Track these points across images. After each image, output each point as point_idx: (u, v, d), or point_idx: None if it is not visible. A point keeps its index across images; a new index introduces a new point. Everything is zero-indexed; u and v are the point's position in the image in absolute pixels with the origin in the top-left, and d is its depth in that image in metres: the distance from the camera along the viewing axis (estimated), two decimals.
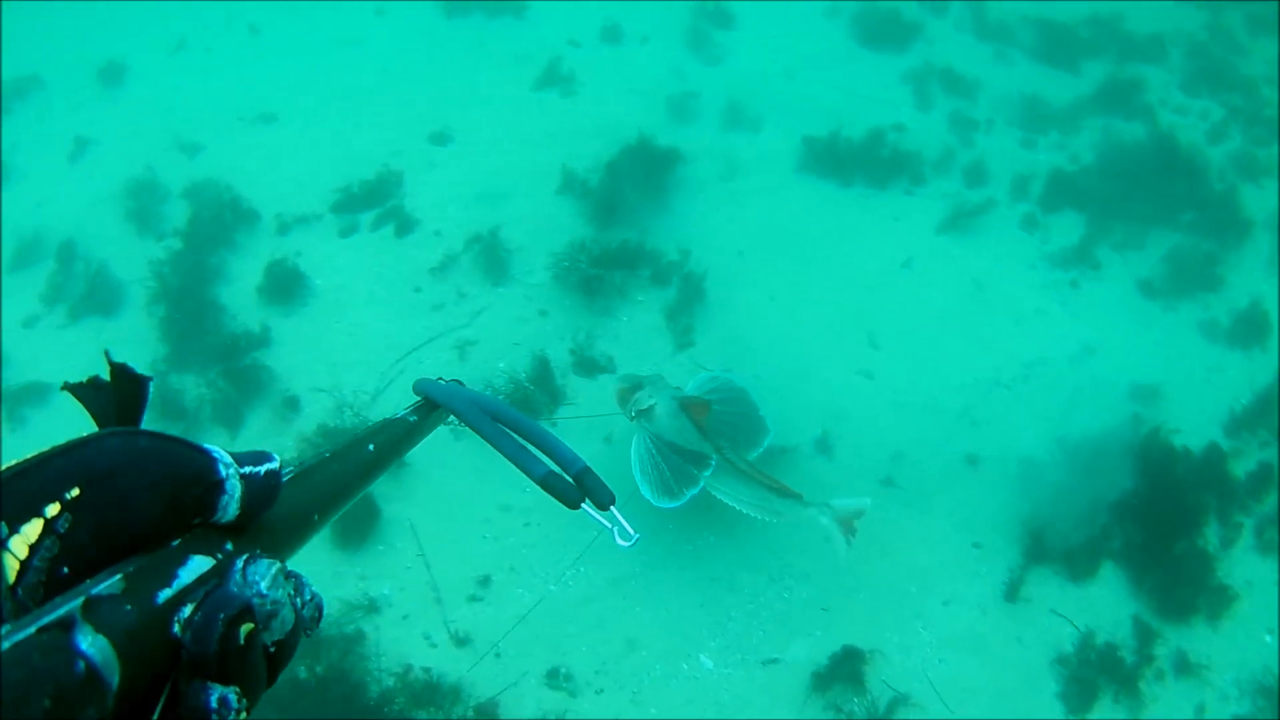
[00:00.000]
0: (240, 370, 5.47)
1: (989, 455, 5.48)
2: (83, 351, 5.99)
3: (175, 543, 0.78)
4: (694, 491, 4.46)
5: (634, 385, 4.84)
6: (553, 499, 1.53)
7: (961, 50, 8.89)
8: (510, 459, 1.63)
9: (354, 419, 5.16)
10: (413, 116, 7.64)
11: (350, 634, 4.45)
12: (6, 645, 0.58)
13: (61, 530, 0.68)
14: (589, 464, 1.61)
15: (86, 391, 0.90)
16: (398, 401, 4.52)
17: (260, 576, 0.82)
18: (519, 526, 4.89)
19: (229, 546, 0.83)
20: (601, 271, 5.94)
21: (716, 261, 6.31)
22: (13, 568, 0.66)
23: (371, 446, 1.34)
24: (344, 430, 5.03)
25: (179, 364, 5.59)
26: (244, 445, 4.55)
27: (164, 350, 5.80)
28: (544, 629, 4.53)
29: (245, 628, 0.75)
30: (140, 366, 0.78)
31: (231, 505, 0.83)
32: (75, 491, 0.69)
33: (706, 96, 7.84)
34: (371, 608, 4.59)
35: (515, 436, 1.66)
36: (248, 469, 0.86)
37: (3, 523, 0.66)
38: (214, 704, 0.72)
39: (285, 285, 6.02)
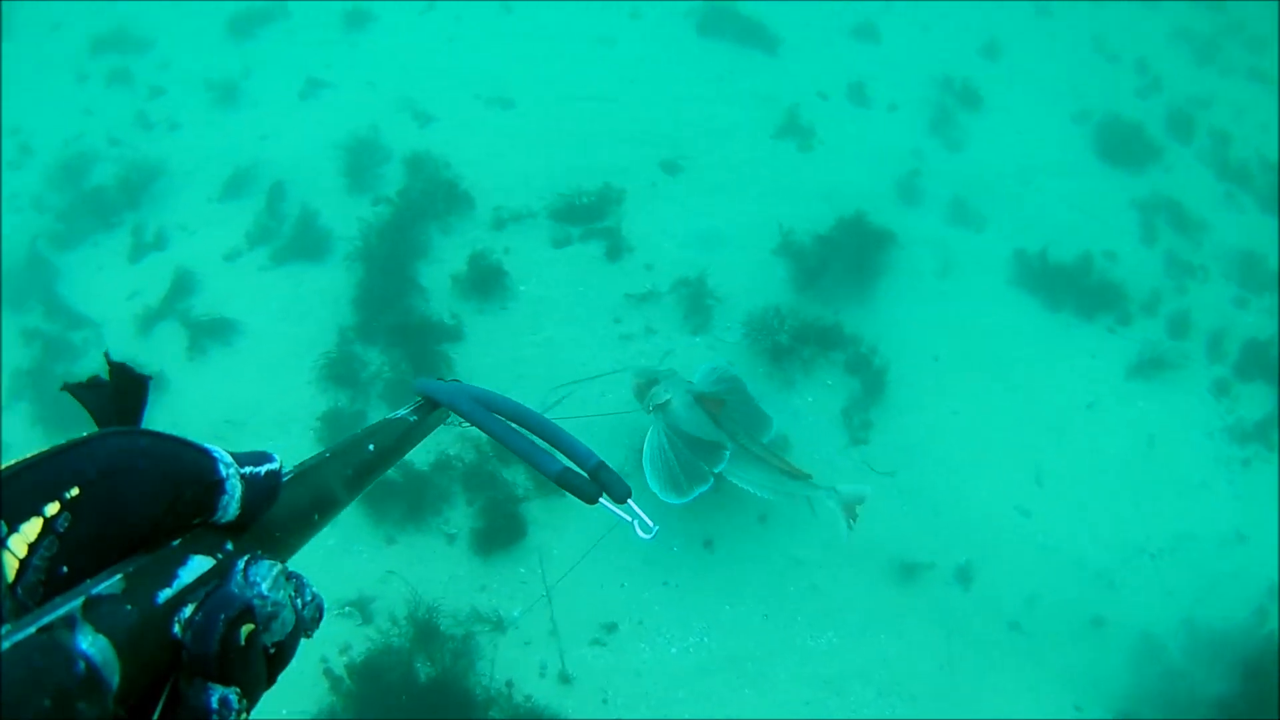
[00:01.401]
0: (425, 358, 6.30)
1: (1115, 621, 6.26)
2: (277, 296, 7.20)
3: (175, 543, 0.88)
4: (703, 489, 5.38)
5: (650, 380, 5.82)
6: (571, 495, 1.79)
7: (1196, 185, 9.69)
8: (523, 456, 1.88)
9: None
10: (649, 135, 8.76)
11: (471, 645, 5.16)
12: (6, 645, 0.66)
13: (61, 530, 0.77)
14: (603, 460, 1.87)
15: (86, 391, 1.04)
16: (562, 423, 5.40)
17: (261, 578, 0.93)
18: (657, 583, 5.66)
19: (229, 547, 0.94)
20: (796, 345, 6.64)
21: (909, 361, 7.16)
22: (12, 567, 0.74)
23: (371, 446, 1.54)
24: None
25: (366, 335, 6.49)
26: None
27: (354, 319, 6.69)
28: (655, 687, 5.27)
29: (246, 628, 0.86)
30: (329, 332, 1.28)
31: (232, 505, 0.94)
32: (74, 491, 0.79)
33: (937, 183, 8.75)
34: (498, 626, 5.30)
35: (525, 433, 1.92)
36: (248, 469, 0.99)
37: (2, 521, 0.75)
38: (214, 704, 0.82)
39: (486, 281, 6.98)
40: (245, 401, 6.69)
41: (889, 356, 7.06)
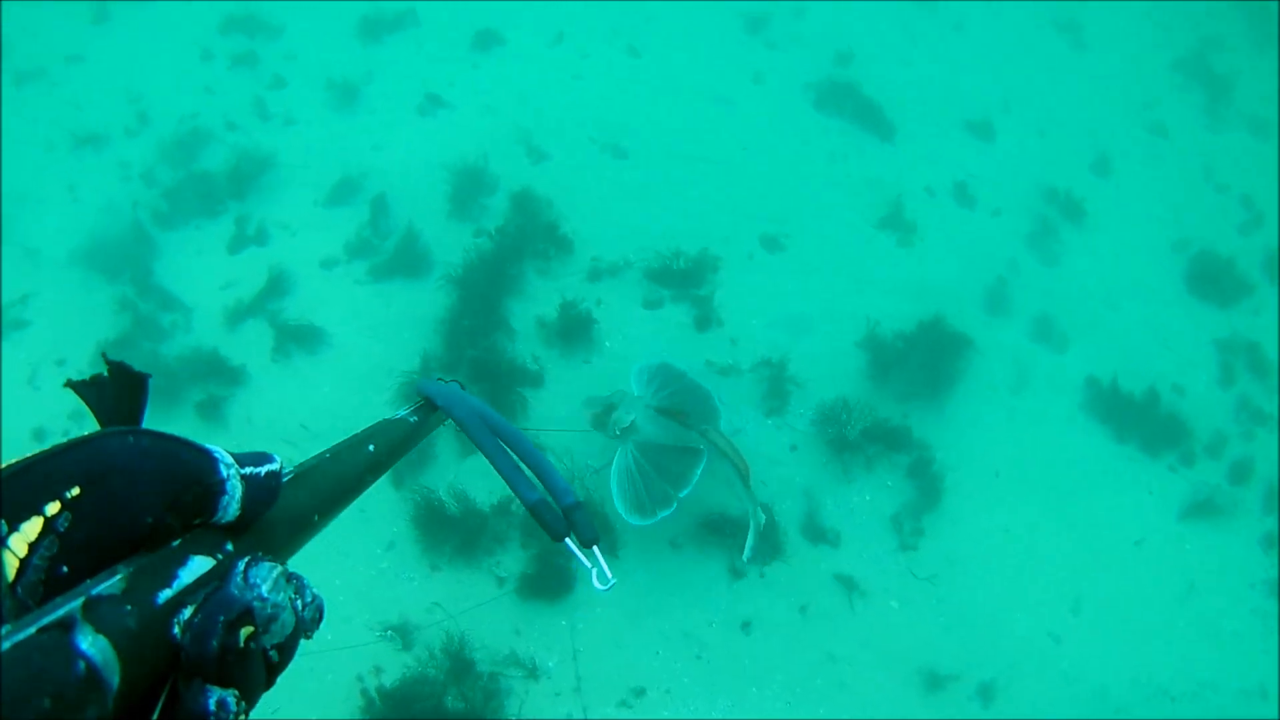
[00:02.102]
0: (502, 397, 7.15)
1: None
2: (368, 311, 8.25)
3: (176, 543, 0.98)
4: (666, 513, 6.26)
5: (607, 407, 6.73)
6: (539, 526, 2.06)
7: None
8: (505, 478, 2.09)
9: (582, 492, 6.65)
10: (753, 206, 9.64)
11: (502, 687, 5.97)
12: (7, 645, 0.73)
13: (61, 529, 0.85)
14: (580, 500, 2.12)
15: (89, 390, 1.16)
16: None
17: (261, 579, 1.02)
18: (691, 655, 6.48)
19: (230, 547, 1.05)
20: (862, 441, 7.50)
21: (969, 471, 7.93)
22: (12, 566, 0.81)
23: (371, 447, 1.70)
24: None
25: (448, 365, 7.40)
26: (468, 475, 6.31)
27: (439, 347, 7.49)
28: None
29: (245, 631, 0.94)
30: (413, 355, 1.78)
31: (232, 505, 1.06)
32: (75, 490, 0.87)
33: (1025, 295, 9.49)
34: (532, 673, 6.02)
35: (512, 455, 2.15)
36: (248, 469, 1.11)
37: (3, 520, 0.82)
38: (212, 706, 0.90)
39: (574, 331, 7.83)
40: (322, 410, 7.50)
41: (950, 464, 7.85)
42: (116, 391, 1.20)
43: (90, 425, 1.15)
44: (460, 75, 10.72)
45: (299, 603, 1.12)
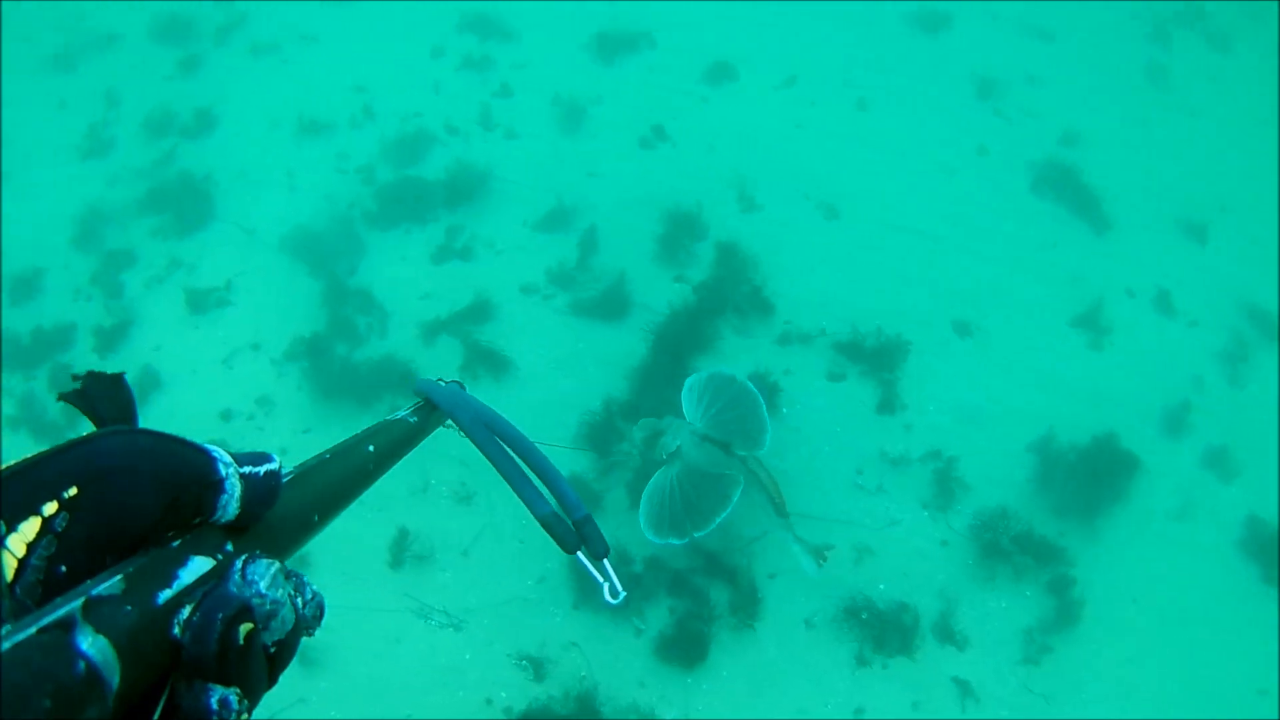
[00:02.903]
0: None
1: None
2: (560, 345, 9.57)
3: (175, 543, 1.12)
4: (677, 542, 7.37)
5: (656, 431, 7.90)
6: (552, 540, 2.31)
7: None
8: (514, 489, 2.30)
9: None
10: (953, 287, 10.41)
11: None
12: (7, 645, 0.82)
13: (59, 529, 0.97)
14: (589, 513, 2.33)
15: (80, 398, 1.31)
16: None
17: (259, 576, 1.15)
18: None
19: (229, 547, 1.19)
20: (1013, 550, 8.25)
21: (1108, 593, 8.48)
22: (11, 566, 0.93)
23: (371, 447, 1.84)
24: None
25: (630, 412, 8.36)
26: (629, 529, 7.24)
27: (624, 394, 8.61)
28: None
29: (244, 627, 1.08)
30: (595, 397, 2.37)
31: (231, 505, 1.20)
32: (73, 491, 1.00)
33: (1205, 418, 9.84)
34: None
35: (519, 462, 2.36)
36: (247, 469, 1.25)
37: (1, 521, 0.94)
38: (214, 705, 1.03)
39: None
40: None
41: (1092, 583, 8.44)
42: (102, 395, 1.34)
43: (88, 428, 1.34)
44: (687, 108, 11.94)
45: (299, 600, 1.25)
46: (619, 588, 2.61)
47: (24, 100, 12.85)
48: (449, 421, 2.64)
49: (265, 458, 1.36)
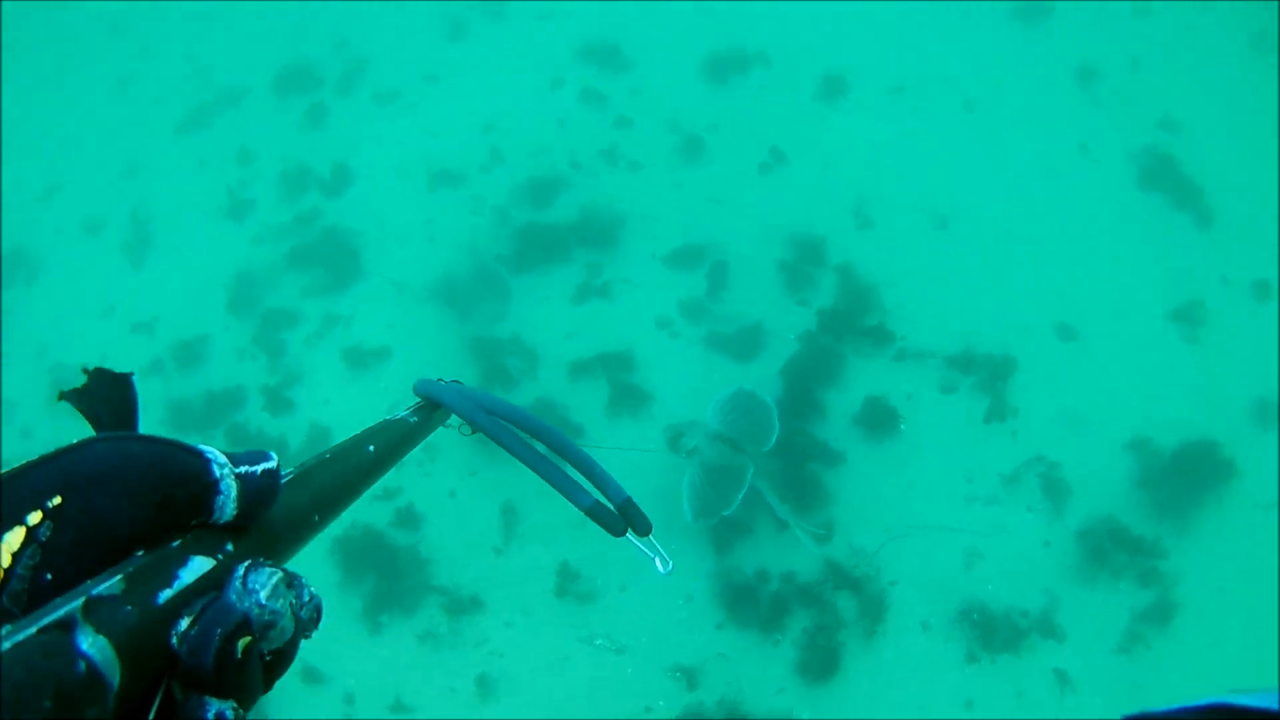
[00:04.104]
0: (796, 476, 10.20)
1: None
2: (692, 377, 11.71)
3: (176, 543, 1.28)
4: (728, 511, 9.93)
5: (678, 433, 10.70)
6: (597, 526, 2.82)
7: None
8: (554, 486, 2.74)
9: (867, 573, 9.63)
10: (1057, 290, 12.17)
11: None
12: (7, 645, 0.92)
13: (43, 538, 1.10)
14: (628, 495, 2.81)
15: (81, 398, 1.50)
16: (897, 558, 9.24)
17: (260, 586, 1.32)
18: None
19: (230, 547, 1.37)
20: (1112, 549, 10.27)
21: (1202, 589, 10.28)
22: None
23: (371, 448, 2.18)
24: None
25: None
26: (774, 554, 9.51)
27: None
28: None
29: (242, 642, 1.22)
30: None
31: (228, 505, 1.38)
32: (57, 500, 1.12)
33: None
34: None
35: (541, 448, 2.76)
36: (243, 468, 1.43)
37: None
38: (210, 718, 1.16)
39: (878, 421, 10.60)
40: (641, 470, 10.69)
41: (1189, 576, 10.31)
42: (104, 396, 1.54)
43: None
44: (802, 127, 13.84)
45: (297, 604, 1.44)
46: (668, 559, 3.08)
47: (165, 162, 15.35)
48: (449, 421, 3.06)
49: (263, 456, 1.52)
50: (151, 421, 12.35)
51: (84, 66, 17.29)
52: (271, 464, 1.52)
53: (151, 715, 1.15)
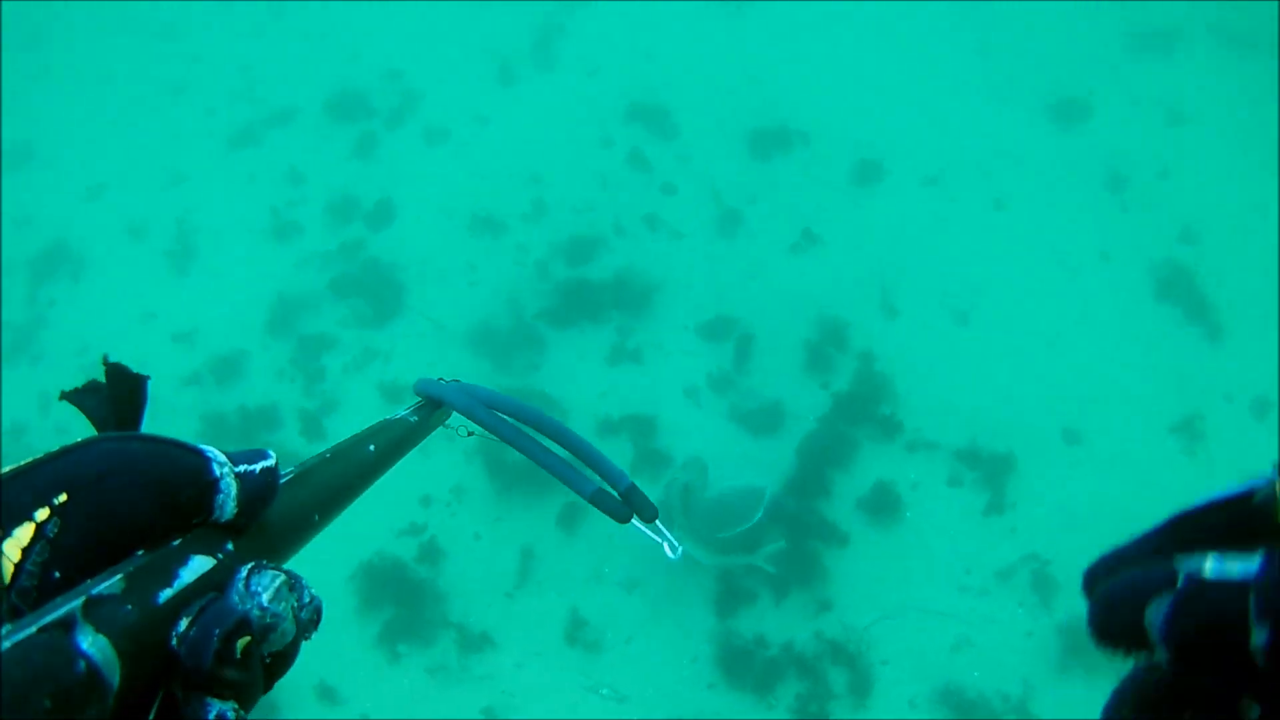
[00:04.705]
0: (804, 556, 11.58)
1: None
2: (717, 444, 13.04)
3: (176, 542, 1.33)
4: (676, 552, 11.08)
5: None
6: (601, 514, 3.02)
7: None
8: (557, 475, 2.93)
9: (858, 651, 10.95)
10: (1069, 393, 13.52)
11: None
12: (7, 645, 0.96)
13: (51, 535, 1.15)
14: (632, 480, 3.02)
15: (84, 397, 1.57)
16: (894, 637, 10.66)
17: (263, 588, 1.37)
18: None
19: (230, 547, 1.42)
20: (1087, 644, 11.23)
21: None
22: (8, 570, 1.11)
23: (372, 447, 2.31)
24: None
25: (771, 514, 11.51)
26: (778, 622, 10.90)
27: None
28: None
29: (242, 642, 1.26)
30: None
31: (228, 504, 1.43)
32: (63, 497, 1.17)
33: None
34: None
35: (540, 438, 2.95)
36: (242, 467, 1.49)
37: None
38: (211, 719, 1.21)
39: (883, 506, 11.89)
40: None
41: None
42: (115, 395, 1.60)
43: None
44: (836, 208, 15.17)
45: (298, 607, 1.46)
46: (676, 544, 3.20)
47: (213, 173, 16.60)
48: (449, 422, 3.12)
49: (261, 455, 1.57)
50: (187, 433, 13.26)
51: (136, 68, 18.48)
52: (270, 462, 1.59)
53: (152, 715, 1.21)
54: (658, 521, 3.21)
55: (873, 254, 14.49)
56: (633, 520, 3.19)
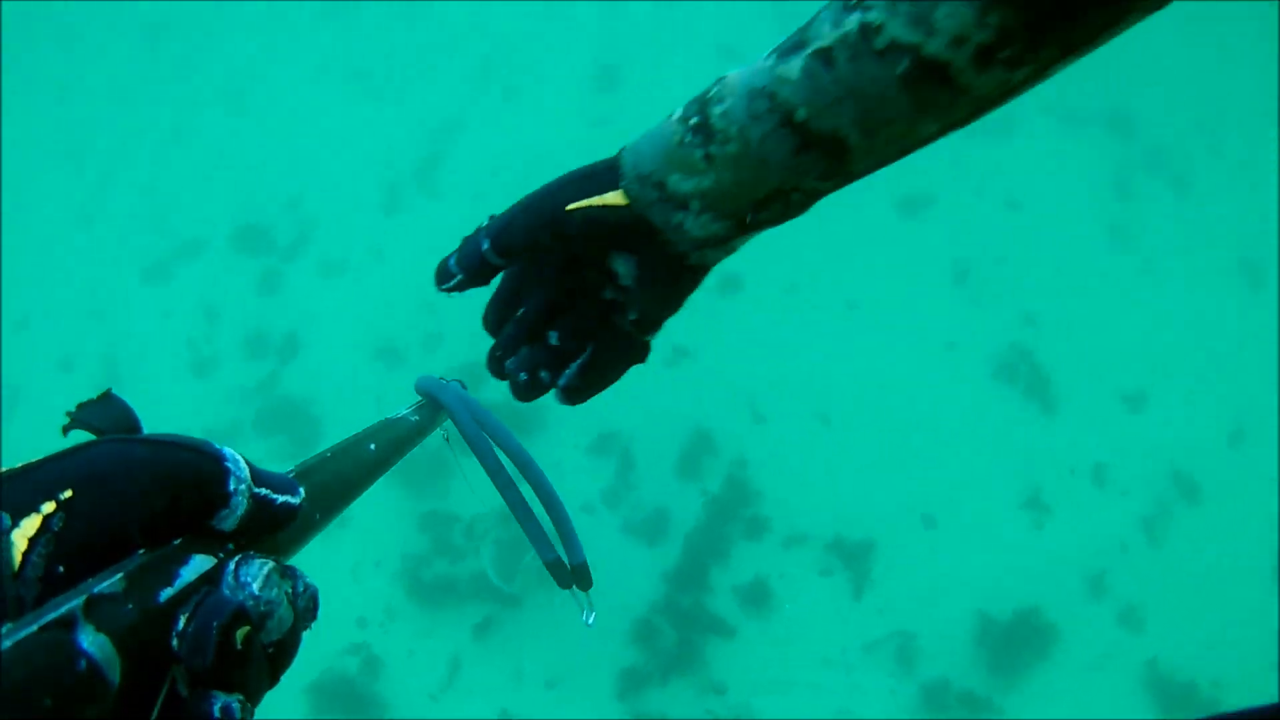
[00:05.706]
0: (693, 649, 13.75)
1: None
2: (615, 557, 14.81)
3: (177, 541, 1.30)
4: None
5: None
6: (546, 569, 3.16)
7: None
8: (521, 525, 2.98)
9: None
10: (923, 481, 15.33)
11: None
12: (8, 643, 0.95)
13: (56, 528, 1.14)
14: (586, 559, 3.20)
15: (89, 411, 1.53)
16: None
17: (252, 577, 1.33)
18: None
19: (230, 546, 1.39)
20: (954, 705, 13.57)
21: None
22: (15, 560, 1.10)
23: (372, 446, 2.29)
24: None
25: (668, 610, 13.68)
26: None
27: (660, 599, 13.90)
28: None
29: (241, 632, 1.24)
30: (640, 606, 7.43)
31: (230, 520, 1.38)
32: (68, 493, 1.17)
33: (1121, 580, 14.17)
34: None
35: (516, 476, 3.04)
36: (264, 491, 1.42)
37: (5, 513, 1.11)
38: (216, 713, 1.19)
39: (760, 598, 14.17)
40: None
41: None
42: (99, 414, 1.53)
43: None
44: (703, 321, 16.43)
45: (293, 594, 1.42)
46: (593, 612, 3.37)
47: (131, 308, 17.84)
48: (443, 425, 3.25)
49: (292, 489, 1.50)
50: None
51: (47, 196, 19.59)
52: (295, 500, 1.49)
53: (154, 714, 1.18)
54: (589, 593, 3.35)
55: (739, 365, 16.11)
56: (571, 589, 3.30)
